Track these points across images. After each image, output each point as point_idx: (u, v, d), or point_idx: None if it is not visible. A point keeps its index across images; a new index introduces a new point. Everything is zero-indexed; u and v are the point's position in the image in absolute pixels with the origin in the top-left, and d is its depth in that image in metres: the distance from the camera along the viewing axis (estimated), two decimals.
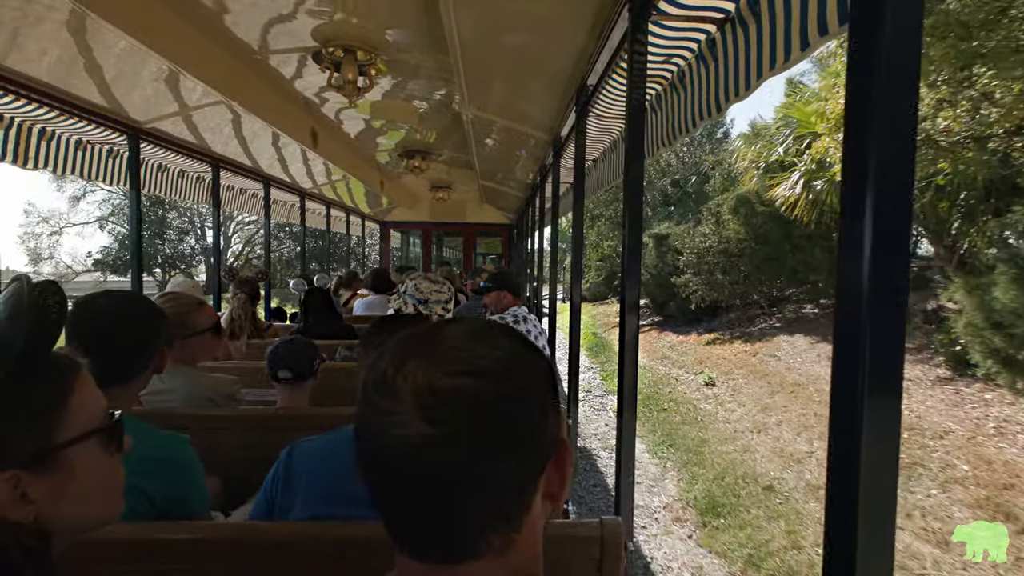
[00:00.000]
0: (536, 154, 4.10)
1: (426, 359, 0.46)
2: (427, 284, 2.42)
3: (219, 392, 1.85)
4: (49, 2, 1.80)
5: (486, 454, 0.44)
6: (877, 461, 0.59)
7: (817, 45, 0.97)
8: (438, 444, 0.43)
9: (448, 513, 0.45)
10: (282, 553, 0.99)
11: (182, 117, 3.16)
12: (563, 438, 0.50)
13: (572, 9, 1.74)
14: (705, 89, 1.40)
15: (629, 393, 1.32)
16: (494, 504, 0.46)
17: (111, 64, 2.37)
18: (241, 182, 5.06)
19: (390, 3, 2.32)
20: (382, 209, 9.05)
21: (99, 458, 0.61)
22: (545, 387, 0.49)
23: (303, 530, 1.02)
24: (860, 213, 0.55)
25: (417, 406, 0.44)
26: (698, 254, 9.45)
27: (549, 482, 0.49)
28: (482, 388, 0.45)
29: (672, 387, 7.42)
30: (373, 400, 0.46)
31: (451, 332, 0.49)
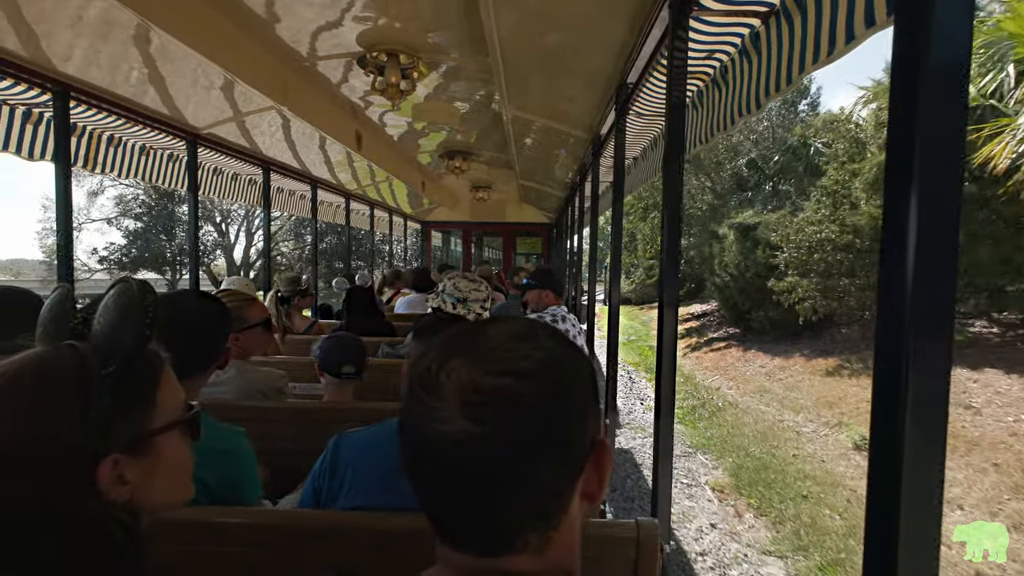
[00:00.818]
0: (575, 153, 4.08)
1: (470, 358, 0.47)
2: (465, 283, 2.46)
3: (269, 385, 1.94)
4: (117, 18, 1.93)
5: (526, 453, 0.45)
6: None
7: (863, 37, 0.94)
8: (480, 442, 0.44)
9: (488, 509, 0.46)
10: (328, 541, 1.03)
11: (236, 123, 3.31)
12: (602, 439, 0.51)
13: (611, 7, 1.73)
14: (747, 85, 1.37)
15: (667, 395, 1.31)
16: (533, 502, 0.47)
17: (172, 74, 2.52)
18: (290, 184, 5.25)
19: (432, 7, 2.36)
20: (424, 209, 9.20)
21: (180, 446, 0.67)
22: (586, 388, 0.50)
23: (348, 519, 1.06)
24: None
25: (460, 403, 0.45)
26: (808, 249, 7.01)
27: (587, 482, 0.50)
28: (524, 388, 0.46)
29: (796, 447, 4.83)
30: (418, 395, 0.48)
31: (495, 331, 0.50)
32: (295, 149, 4.21)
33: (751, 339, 8.93)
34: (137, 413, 0.62)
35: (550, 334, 0.51)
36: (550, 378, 0.47)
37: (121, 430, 0.59)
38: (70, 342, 0.60)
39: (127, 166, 3.23)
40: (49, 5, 1.80)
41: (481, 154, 5.48)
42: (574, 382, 0.49)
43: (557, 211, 7.90)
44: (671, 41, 1.30)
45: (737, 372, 7.74)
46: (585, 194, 4.37)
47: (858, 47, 1.02)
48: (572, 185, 5.25)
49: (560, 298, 2.99)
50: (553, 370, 0.48)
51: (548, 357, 0.48)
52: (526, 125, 3.57)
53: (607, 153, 3.16)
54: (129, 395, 0.61)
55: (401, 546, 0.98)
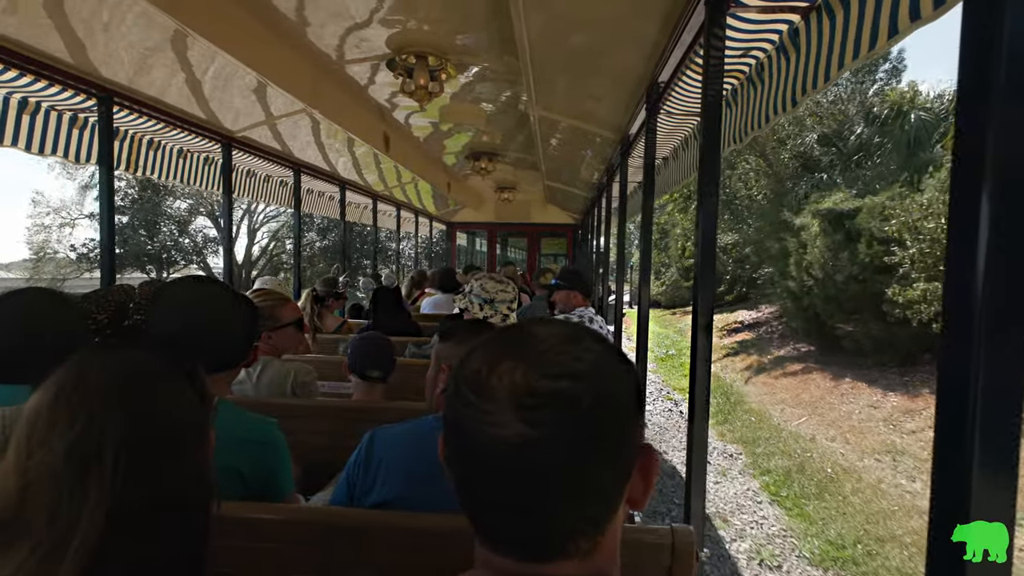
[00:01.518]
0: (602, 153, 4.05)
1: (523, 360, 0.46)
2: (492, 284, 2.46)
3: (298, 381, 1.97)
4: (159, 25, 1.99)
5: (582, 457, 0.45)
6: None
7: (907, 32, 0.90)
8: (537, 445, 0.44)
9: (541, 513, 0.45)
10: (361, 539, 1.03)
11: (268, 126, 3.38)
12: (648, 444, 0.50)
13: (644, 6, 1.71)
14: (783, 82, 1.33)
15: (700, 398, 1.28)
16: (586, 507, 0.46)
17: (209, 79, 2.58)
18: (319, 185, 5.34)
19: (461, 9, 2.37)
20: (449, 210, 9.26)
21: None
22: (633, 392, 0.49)
23: (382, 518, 1.07)
24: None
25: (515, 407, 0.44)
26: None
27: (634, 487, 0.49)
28: (580, 391, 0.45)
29: None
30: (466, 398, 0.47)
31: (545, 334, 0.49)
32: (324, 151, 4.28)
33: (839, 361, 6.71)
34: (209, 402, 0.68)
35: (596, 337, 0.51)
36: (603, 381, 0.47)
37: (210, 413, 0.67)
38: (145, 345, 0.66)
39: (165, 169, 3.33)
40: (95, 14, 1.87)
41: (507, 155, 5.49)
42: (623, 385, 0.48)
43: (583, 212, 7.86)
44: (707, 39, 1.28)
45: (836, 413, 5.37)
46: (612, 194, 4.33)
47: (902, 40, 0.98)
48: (599, 186, 5.22)
49: (588, 299, 2.96)
50: (605, 373, 0.47)
51: (599, 359, 0.48)
52: (553, 126, 3.56)
53: (636, 153, 3.12)
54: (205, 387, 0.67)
55: (435, 546, 0.98)
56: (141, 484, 0.56)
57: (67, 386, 0.58)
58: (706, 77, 1.28)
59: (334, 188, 5.44)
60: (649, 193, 2.42)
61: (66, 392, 0.58)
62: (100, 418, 0.56)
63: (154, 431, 0.59)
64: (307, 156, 4.32)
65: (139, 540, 0.56)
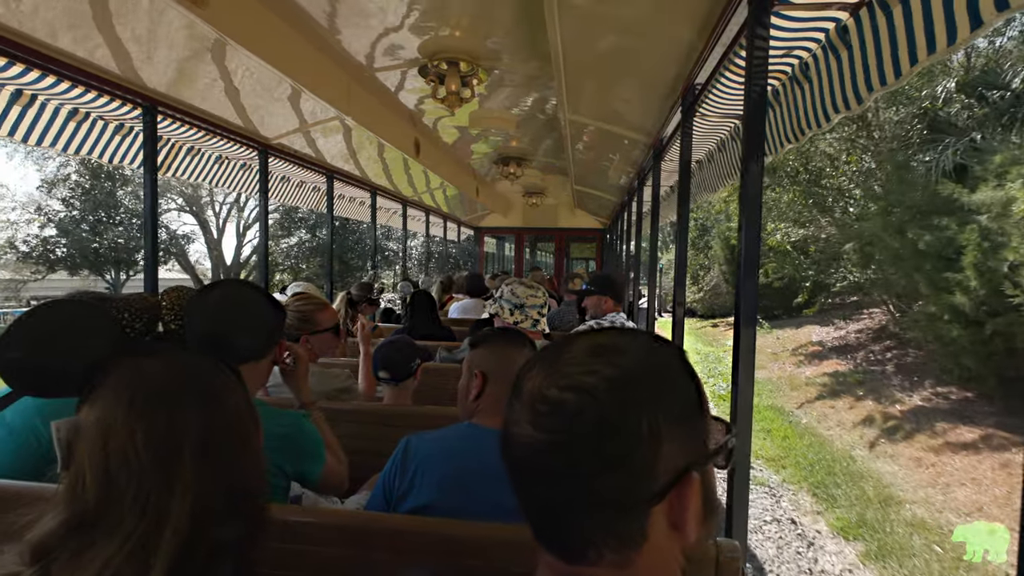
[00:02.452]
0: (634, 157, 4.01)
1: (545, 368, 0.50)
2: (523, 289, 2.44)
3: (334, 386, 1.99)
4: (200, 36, 2.05)
5: (582, 467, 0.46)
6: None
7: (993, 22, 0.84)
8: (542, 450, 0.47)
9: (552, 515, 0.48)
10: (397, 543, 1.03)
11: (303, 133, 3.45)
12: (691, 473, 0.47)
13: (681, 5, 1.68)
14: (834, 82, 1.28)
15: (743, 409, 1.24)
16: (595, 517, 0.47)
17: (247, 87, 2.65)
18: (351, 191, 5.43)
19: (492, 14, 2.38)
20: (477, 215, 9.31)
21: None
22: (670, 412, 0.47)
23: (417, 524, 1.06)
24: None
25: (530, 410, 0.48)
26: None
27: (671, 510, 0.47)
28: (585, 404, 0.46)
29: None
30: (510, 397, 0.52)
31: (580, 345, 0.51)
32: (356, 157, 4.35)
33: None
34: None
35: (633, 352, 0.50)
36: (617, 396, 0.46)
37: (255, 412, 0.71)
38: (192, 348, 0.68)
39: (204, 174, 3.43)
40: (142, 27, 1.93)
41: (535, 159, 5.48)
42: (651, 403, 0.47)
43: (612, 216, 7.79)
44: (750, 39, 1.24)
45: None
46: (644, 198, 4.27)
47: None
48: (629, 189, 5.16)
49: (620, 304, 2.92)
50: (623, 388, 0.47)
51: (618, 375, 0.47)
52: (584, 129, 3.53)
53: (669, 156, 3.07)
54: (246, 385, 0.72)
55: (469, 554, 0.97)
56: (219, 475, 0.61)
57: (134, 391, 0.61)
58: (749, 78, 1.24)
59: (365, 194, 5.52)
60: (684, 196, 2.37)
61: (136, 397, 0.61)
62: (176, 417, 0.61)
63: (224, 424, 0.63)
64: (340, 162, 4.40)
65: (221, 527, 0.60)
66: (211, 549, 0.59)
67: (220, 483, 0.61)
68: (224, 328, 1.18)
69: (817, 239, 9.13)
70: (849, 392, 6.29)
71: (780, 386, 7.26)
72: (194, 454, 0.60)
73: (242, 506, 0.63)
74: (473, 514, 1.05)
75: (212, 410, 0.64)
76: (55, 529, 0.58)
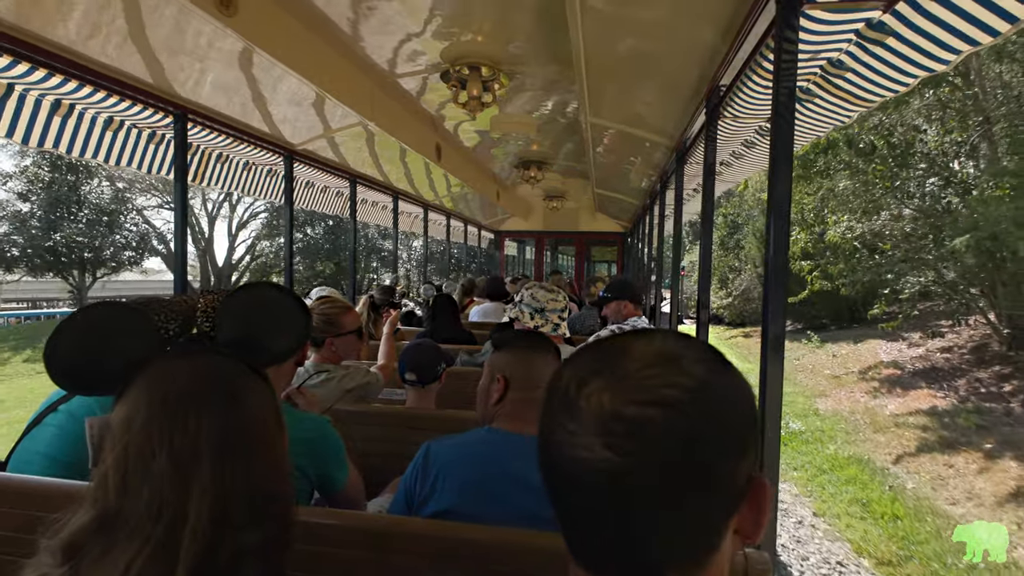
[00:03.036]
0: (656, 159, 3.97)
1: (611, 381, 0.44)
2: (543, 293, 2.44)
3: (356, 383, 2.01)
4: (228, 46, 2.10)
5: (673, 490, 0.41)
6: None
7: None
8: (624, 475, 0.41)
9: (627, 540, 0.43)
10: (418, 546, 1.03)
11: (327, 138, 3.51)
12: (760, 477, 0.46)
13: (705, 6, 1.66)
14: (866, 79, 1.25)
15: (772, 413, 1.21)
16: (678, 538, 0.43)
17: (273, 94, 2.70)
18: (373, 196, 5.50)
19: (514, 19, 2.38)
20: (497, 219, 9.33)
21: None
22: (745, 420, 0.45)
23: (439, 528, 1.06)
24: None
25: (601, 431, 0.42)
26: None
27: (742, 521, 0.46)
28: (672, 421, 0.42)
29: None
30: (556, 416, 0.45)
31: (639, 352, 0.46)
32: (379, 162, 4.40)
33: None
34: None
35: (698, 357, 0.46)
36: (703, 409, 0.43)
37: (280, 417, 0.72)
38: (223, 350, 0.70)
39: (232, 181, 3.51)
40: (172, 37, 1.99)
41: (556, 163, 5.48)
42: (728, 411, 0.44)
43: (633, 220, 7.73)
44: (778, 38, 1.21)
45: None
46: (666, 201, 4.23)
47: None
48: (651, 193, 5.12)
49: (639, 308, 2.89)
50: (704, 399, 0.43)
51: (697, 384, 0.43)
52: (605, 133, 3.52)
53: (693, 159, 3.03)
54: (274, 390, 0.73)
55: (491, 559, 0.96)
56: (239, 477, 0.60)
57: (159, 392, 0.62)
58: (777, 78, 1.21)
59: (387, 198, 5.58)
60: (708, 199, 2.34)
61: (159, 398, 0.61)
62: (195, 419, 0.60)
63: (245, 427, 0.63)
64: (363, 167, 4.45)
65: (242, 530, 0.59)
66: (235, 553, 0.59)
67: (240, 486, 0.61)
68: (253, 330, 1.19)
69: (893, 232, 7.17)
70: (969, 442, 4.51)
71: (858, 426, 5.48)
72: (213, 456, 0.60)
73: (266, 509, 0.62)
74: (495, 519, 1.05)
75: (233, 412, 0.63)
76: (84, 526, 0.58)
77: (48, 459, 1.23)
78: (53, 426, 1.26)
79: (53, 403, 1.29)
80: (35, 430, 1.27)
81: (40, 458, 1.24)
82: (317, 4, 2.17)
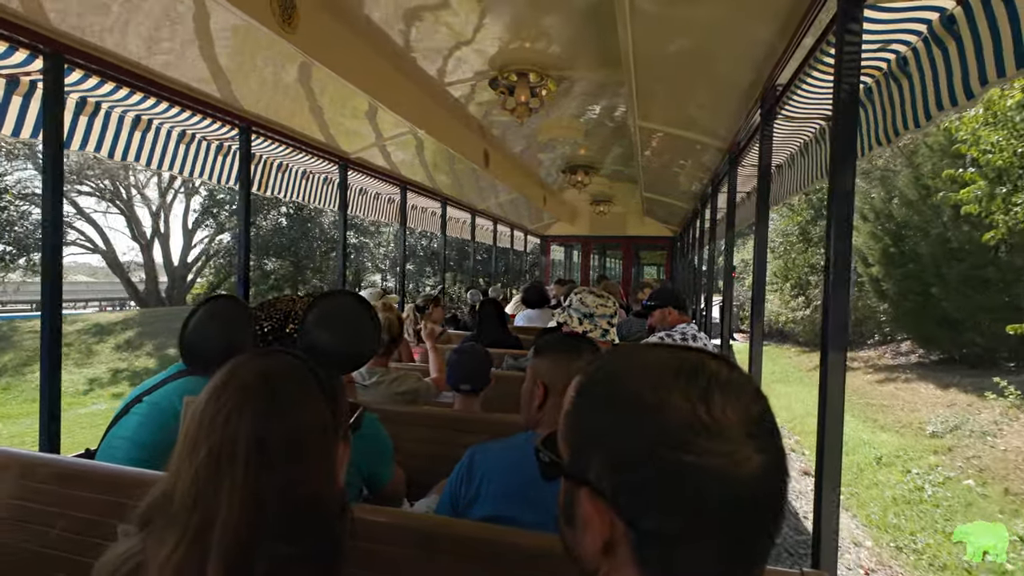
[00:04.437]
0: (707, 162, 3.87)
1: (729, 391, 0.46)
2: (592, 298, 2.41)
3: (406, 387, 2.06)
4: (290, 59, 2.20)
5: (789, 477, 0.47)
6: None
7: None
8: (774, 470, 0.45)
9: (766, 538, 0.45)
10: (463, 549, 1.04)
11: (379, 147, 3.62)
12: None
13: (760, 5, 1.61)
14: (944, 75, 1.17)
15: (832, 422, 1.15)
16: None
17: (329, 105, 2.82)
18: (423, 202, 5.62)
19: (562, 25, 2.38)
20: (543, 224, 9.33)
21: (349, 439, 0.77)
22: None
23: (485, 531, 1.07)
24: None
25: (747, 436, 0.44)
26: None
27: None
28: (770, 411, 0.47)
29: None
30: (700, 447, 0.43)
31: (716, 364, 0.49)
32: (428, 168, 4.50)
33: None
34: (344, 410, 0.73)
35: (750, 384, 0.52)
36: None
37: (341, 424, 0.71)
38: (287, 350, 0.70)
39: (291, 189, 3.67)
40: (239, 53, 2.11)
41: (603, 168, 5.43)
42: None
43: (683, 224, 7.55)
44: (839, 33, 1.16)
45: None
46: (718, 205, 4.11)
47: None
48: (702, 196, 4.99)
49: (685, 314, 2.82)
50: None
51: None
52: (655, 136, 3.46)
53: (747, 161, 2.94)
54: (341, 395, 0.72)
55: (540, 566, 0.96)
56: (270, 478, 0.59)
57: (219, 385, 0.65)
58: (838, 76, 1.16)
59: (436, 204, 5.69)
60: (763, 202, 2.26)
61: (216, 390, 0.64)
62: (236, 417, 0.61)
63: (286, 433, 0.62)
64: (412, 174, 4.56)
65: (278, 538, 0.58)
66: (272, 564, 0.57)
67: (274, 490, 0.59)
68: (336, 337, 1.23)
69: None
70: None
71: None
72: (247, 456, 0.59)
73: (305, 522, 0.60)
74: (538, 526, 1.04)
75: (275, 416, 0.62)
76: (154, 500, 0.61)
77: (130, 442, 1.35)
78: (138, 415, 1.38)
79: (138, 395, 1.41)
80: (123, 419, 1.39)
81: (124, 442, 1.36)
82: (372, 18, 2.25)
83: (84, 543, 1.19)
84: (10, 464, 1.27)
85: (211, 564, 0.56)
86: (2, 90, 1.85)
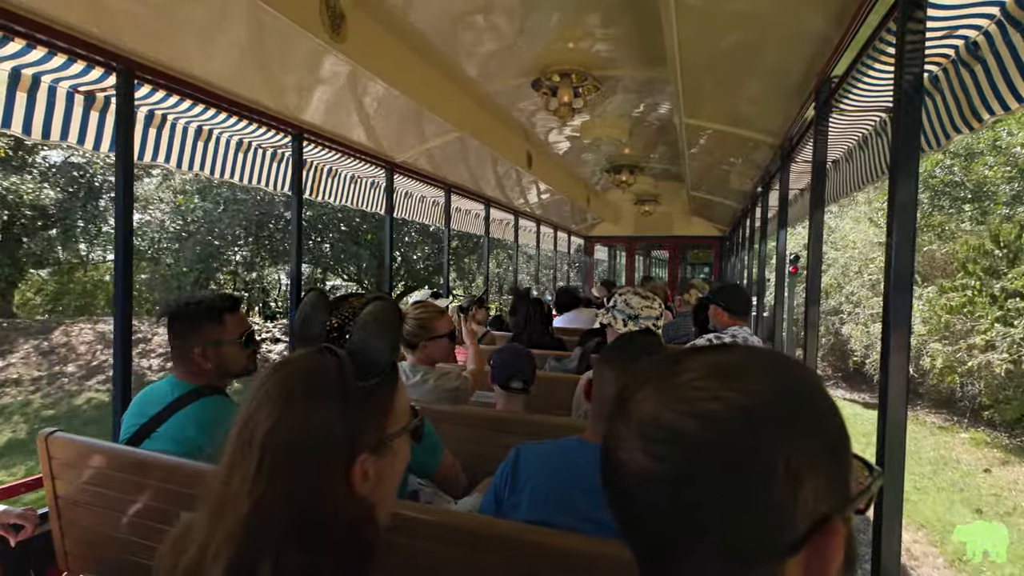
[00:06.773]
0: (757, 159, 3.73)
1: (660, 387, 0.43)
2: (637, 299, 2.37)
3: (450, 386, 2.08)
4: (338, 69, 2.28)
5: (703, 508, 0.40)
6: None
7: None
8: (656, 483, 0.41)
9: (661, 557, 0.42)
10: (508, 549, 1.05)
11: (424, 151, 3.69)
12: (835, 522, 0.41)
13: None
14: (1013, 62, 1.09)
15: (894, 440, 1.09)
16: (712, 568, 0.41)
17: (376, 111, 2.89)
18: (466, 204, 5.68)
19: (605, 24, 2.36)
20: (587, 224, 9.25)
21: (407, 448, 0.75)
22: (812, 448, 0.41)
23: (529, 533, 1.07)
24: None
25: (640, 436, 0.42)
26: None
27: (808, 563, 0.40)
28: (709, 435, 0.40)
29: None
30: (612, 418, 0.46)
31: (697, 362, 0.44)
32: (472, 171, 4.54)
33: None
34: (382, 419, 0.70)
35: (765, 373, 0.43)
36: (748, 428, 0.40)
37: (369, 433, 0.67)
38: (331, 348, 0.70)
39: (340, 194, 3.79)
40: (291, 63, 2.20)
41: (648, 167, 5.34)
42: (787, 436, 0.40)
43: (732, 223, 7.32)
44: (901, 20, 1.09)
45: None
46: (769, 203, 3.96)
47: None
48: (752, 195, 4.82)
49: (737, 317, 2.71)
50: (752, 419, 0.40)
51: (749, 403, 0.40)
52: (702, 134, 3.37)
53: (800, 157, 2.82)
54: (377, 402, 0.70)
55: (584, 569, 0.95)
56: (276, 482, 0.59)
57: (256, 383, 0.67)
58: (900, 65, 1.09)
59: (479, 206, 5.74)
60: (818, 200, 2.16)
61: (254, 388, 0.66)
62: (257, 412, 0.63)
63: (288, 435, 0.62)
64: (456, 177, 4.62)
65: (287, 547, 0.58)
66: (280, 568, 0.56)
67: (279, 493, 0.59)
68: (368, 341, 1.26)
69: None
70: None
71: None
72: (260, 453, 0.59)
73: (319, 534, 0.59)
74: (581, 530, 1.04)
75: (291, 417, 0.62)
76: (208, 482, 0.64)
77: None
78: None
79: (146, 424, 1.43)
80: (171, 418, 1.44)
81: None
82: (417, 26, 2.30)
83: (151, 528, 1.27)
84: (91, 453, 1.38)
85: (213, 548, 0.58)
86: (81, 107, 2.00)
